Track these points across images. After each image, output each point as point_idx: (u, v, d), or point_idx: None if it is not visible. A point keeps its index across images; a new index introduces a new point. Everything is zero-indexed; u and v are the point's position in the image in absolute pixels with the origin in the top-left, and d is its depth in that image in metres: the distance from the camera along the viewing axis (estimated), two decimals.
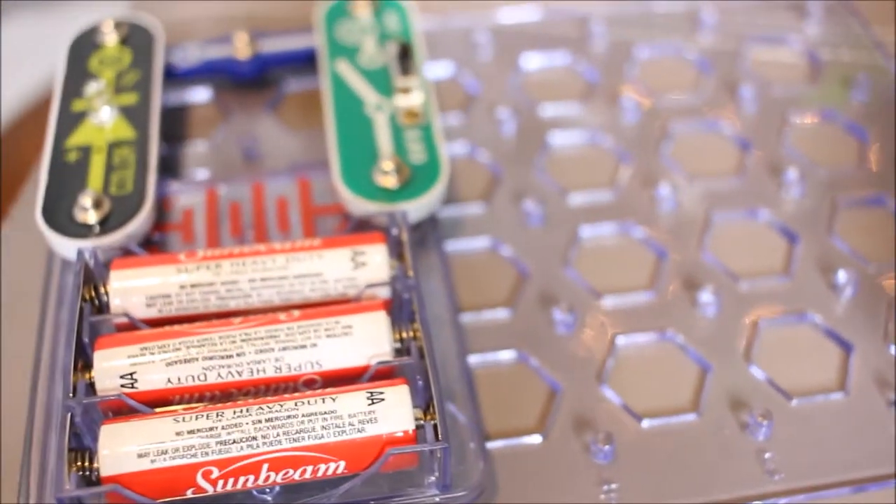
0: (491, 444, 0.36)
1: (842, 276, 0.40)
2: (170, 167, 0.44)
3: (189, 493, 0.32)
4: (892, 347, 0.39)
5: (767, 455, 0.36)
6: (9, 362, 0.38)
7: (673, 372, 0.38)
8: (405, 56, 0.43)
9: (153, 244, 0.40)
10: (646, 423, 0.37)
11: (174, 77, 0.46)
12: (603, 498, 0.35)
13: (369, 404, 0.32)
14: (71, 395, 0.33)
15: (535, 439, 0.36)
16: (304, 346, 0.34)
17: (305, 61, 0.47)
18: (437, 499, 0.34)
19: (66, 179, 0.40)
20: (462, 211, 0.43)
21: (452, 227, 0.42)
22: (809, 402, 0.37)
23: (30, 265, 0.41)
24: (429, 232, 0.41)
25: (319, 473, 0.32)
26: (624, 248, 0.42)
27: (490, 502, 0.34)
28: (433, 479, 0.33)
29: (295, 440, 0.32)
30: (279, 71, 0.48)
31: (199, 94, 0.47)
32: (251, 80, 0.47)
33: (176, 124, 0.46)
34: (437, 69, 0.49)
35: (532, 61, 0.50)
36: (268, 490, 0.34)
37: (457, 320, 0.39)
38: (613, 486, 0.35)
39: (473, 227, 0.42)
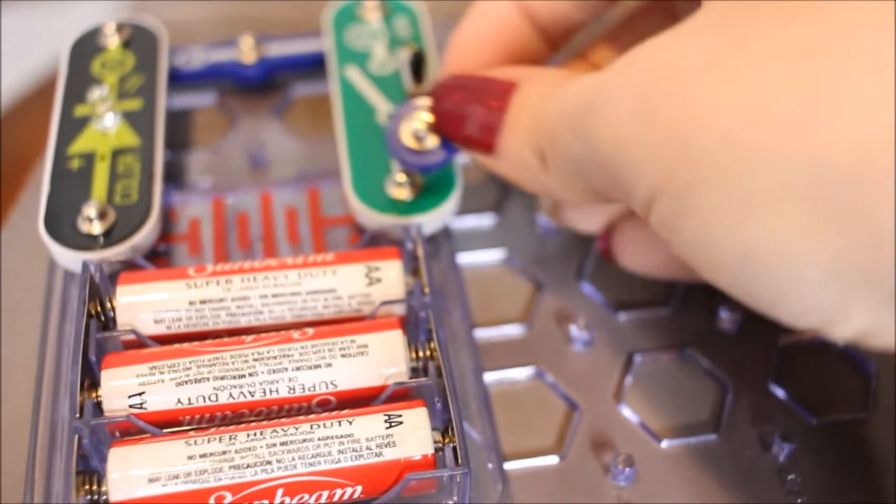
0: (507, 465, 0.35)
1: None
2: (173, 174, 0.43)
3: None
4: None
5: (790, 476, 0.35)
6: (9, 377, 0.37)
7: (690, 391, 0.37)
8: (418, 63, 0.42)
9: (159, 255, 0.39)
10: (665, 444, 0.36)
11: (178, 81, 0.45)
12: None
13: (387, 427, 0.31)
14: (78, 415, 0.32)
15: (553, 460, 0.35)
16: (318, 366, 0.33)
17: (313, 65, 0.46)
18: None
19: (69, 188, 0.39)
20: (474, 222, 0.42)
21: (464, 238, 0.41)
22: (832, 420, 0.36)
23: (30, 274, 0.40)
24: (442, 244, 0.40)
25: (336, 498, 0.31)
26: None
27: None
28: (452, 503, 0.33)
29: (311, 464, 0.31)
30: (286, 75, 0.47)
31: (204, 99, 0.46)
32: (257, 85, 0.46)
33: (179, 130, 0.45)
34: None
35: None
36: None
37: (472, 337, 0.38)
38: None
39: (486, 239, 0.41)
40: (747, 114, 0.26)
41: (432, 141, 0.37)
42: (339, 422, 0.32)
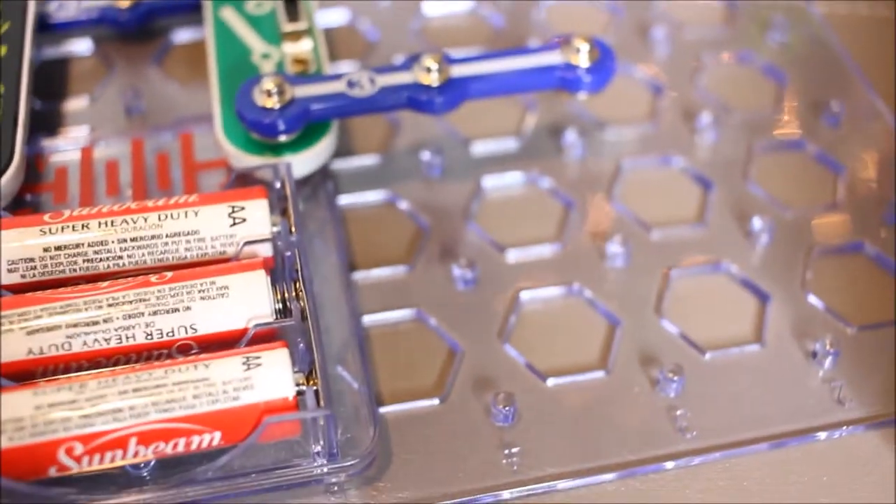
0: (385, 409, 0.34)
1: (757, 223, 0.38)
2: (48, 125, 0.41)
3: (52, 472, 0.30)
4: (810, 296, 0.37)
5: (679, 412, 0.34)
6: None
7: (580, 328, 0.36)
8: (291, 0, 0.41)
9: (25, 205, 0.38)
10: (551, 382, 0.34)
11: (51, 28, 0.43)
12: (504, 463, 0.32)
13: (245, 370, 0.30)
14: None
15: (433, 402, 0.34)
16: (176, 310, 0.31)
17: (191, 10, 0.44)
18: (324, 469, 0.31)
19: None
20: (357, 163, 0.40)
21: (348, 180, 0.40)
22: (724, 355, 0.35)
23: None
24: (320, 185, 0.38)
25: (193, 446, 0.30)
26: (529, 199, 0.40)
27: (383, 471, 0.32)
28: (319, 447, 0.31)
29: (164, 411, 0.29)
30: (168, 21, 0.45)
31: (80, 46, 0.44)
32: (136, 31, 0.44)
33: (55, 79, 0.43)
34: (332, 16, 0.46)
35: (434, 7, 0.47)
36: (142, 465, 0.31)
37: (349, 279, 0.36)
38: (515, 449, 0.33)
39: (369, 180, 0.40)
40: None
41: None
42: (196, 366, 0.30)
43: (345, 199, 0.39)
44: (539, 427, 0.33)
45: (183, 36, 0.45)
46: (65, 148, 0.40)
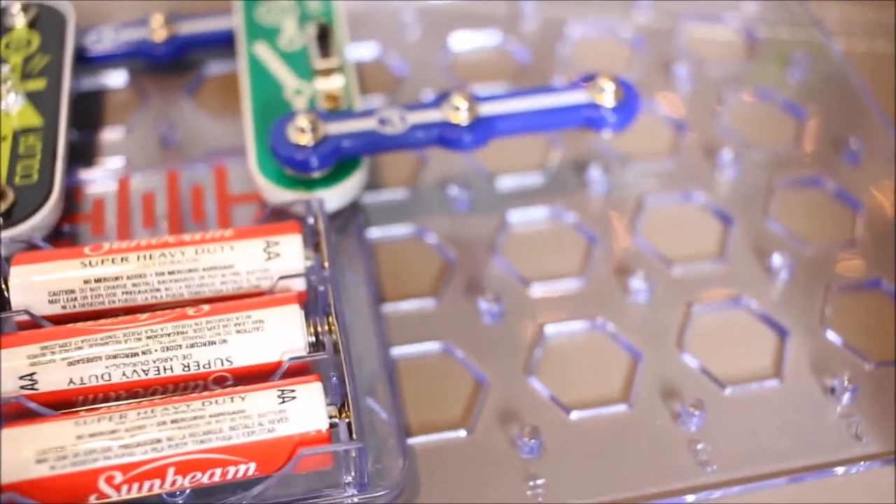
0: (413, 440, 0.34)
1: (777, 259, 0.39)
2: (83, 155, 0.42)
3: (92, 500, 0.30)
4: (829, 332, 0.37)
5: (700, 446, 0.34)
6: None
7: (603, 361, 0.37)
8: (324, 37, 0.42)
9: (63, 236, 0.39)
10: (574, 415, 0.35)
11: (88, 61, 0.45)
12: (529, 494, 0.33)
13: (280, 403, 0.31)
14: None
15: (460, 434, 0.35)
16: (213, 343, 0.32)
17: (225, 43, 0.45)
18: (355, 499, 0.32)
19: None
20: (386, 196, 0.41)
21: (377, 213, 0.41)
22: (743, 390, 0.36)
23: None
24: (350, 219, 0.39)
25: (229, 476, 0.31)
26: (553, 234, 0.41)
27: (411, 501, 0.33)
28: (350, 478, 0.32)
29: (202, 442, 0.30)
30: (200, 54, 0.46)
31: (115, 79, 0.45)
32: (170, 64, 0.45)
33: (91, 110, 0.44)
34: (361, 50, 0.47)
35: (461, 41, 0.48)
36: (178, 493, 0.32)
37: (378, 311, 0.37)
38: (540, 481, 0.34)
39: (397, 214, 0.41)
40: None
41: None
42: (232, 398, 0.31)
43: (374, 233, 0.40)
44: (563, 459, 0.34)
45: (215, 69, 0.46)
46: (101, 179, 0.41)
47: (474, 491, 0.33)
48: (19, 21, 0.43)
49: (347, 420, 0.31)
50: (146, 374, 0.32)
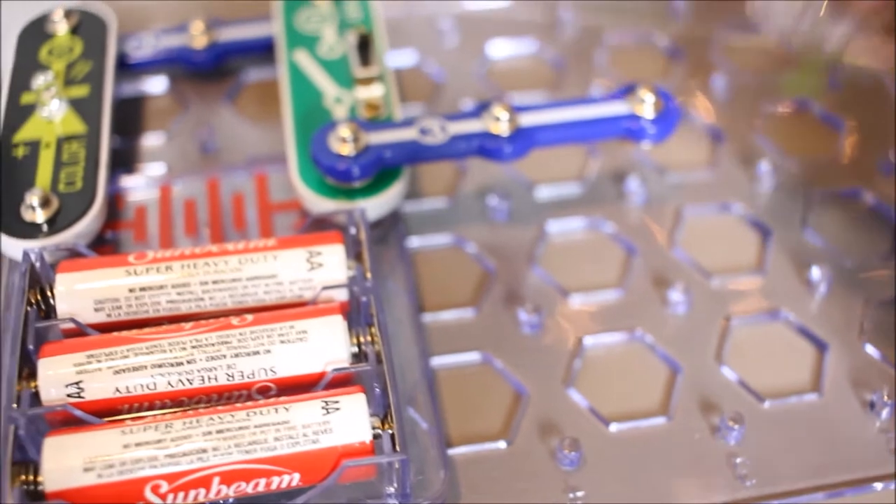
0: (454, 451, 0.35)
1: (816, 272, 0.39)
2: (124, 161, 0.42)
3: None
4: (868, 346, 0.37)
5: (739, 460, 0.35)
6: None
7: (642, 373, 0.37)
8: (365, 45, 0.42)
9: (106, 243, 0.39)
10: (614, 428, 0.35)
11: (129, 67, 0.45)
12: None
13: (324, 414, 0.31)
14: (14, 405, 0.31)
15: (500, 445, 0.35)
16: (257, 353, 0.33)
17: (265, 50, 0.45)
18: None
19: (14, 176, 0.38)
20: (426, 206, 0.41)
21: (416, 222, 0.41)
22: (782, 403, 0.36)
23: None
24: (391, 228, 0.40)
25: (273, 486, 0.31)
26: (592, 245, 0.41)
27: None
28: (392, 489, 0.32)
29: (247, 452, 0.31)
30: (240, 60, 0.46)
31: (155, 85, 0.46)
32: (210, 70, 0.46)
33: (131, 116, 0.45)
34: (400, 58, 0.47)
35: (498, 49, 0.48)
36: (222, 503, 0.32)
37: (419, 321, 0.37)
38: (580, 493, 0.34)
39: (437, 223, 0.41)
40: None
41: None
42: (276, 409, 0.31)
43: (413, 242, 0.40)
44: (603, 471, 0.34)
45: (254, 75, 0.46)
46: (143, 186, 0.41)
47: (515, 502, 0.34)
48: (62, 28, 0.43)
49: (391, 431, 0.31)
50: (191, 384, 0.32)
